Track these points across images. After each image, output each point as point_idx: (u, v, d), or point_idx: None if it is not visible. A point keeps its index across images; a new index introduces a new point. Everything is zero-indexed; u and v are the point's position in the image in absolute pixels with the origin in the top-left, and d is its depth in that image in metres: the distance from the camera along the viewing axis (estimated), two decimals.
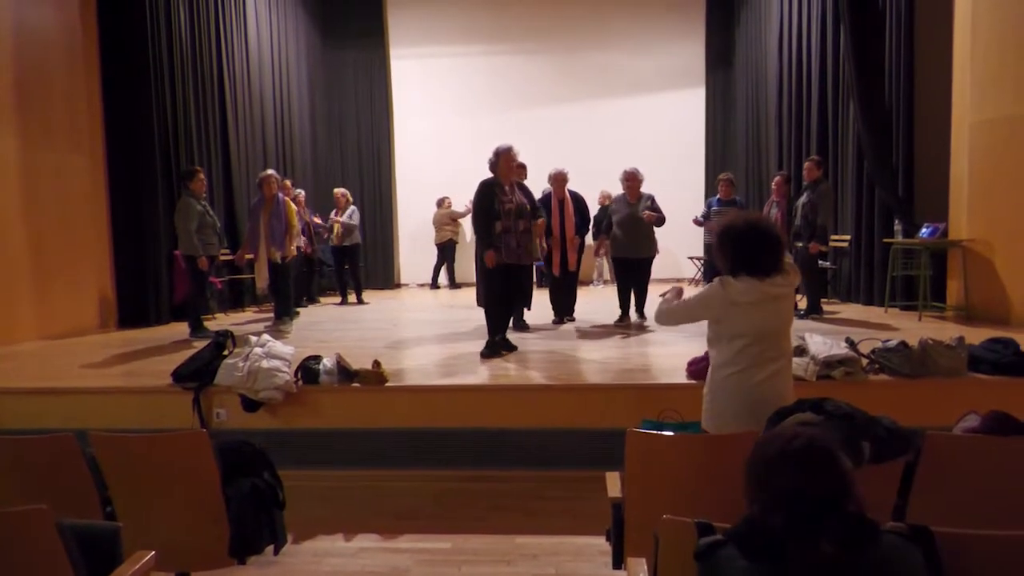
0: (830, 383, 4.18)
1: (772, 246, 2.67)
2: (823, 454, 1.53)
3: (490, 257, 5.38)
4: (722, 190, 8.38)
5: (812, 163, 7.21)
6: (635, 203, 6.82)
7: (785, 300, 2.72)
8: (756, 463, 1.57)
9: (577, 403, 4.37)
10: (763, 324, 2.69)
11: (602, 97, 12.06)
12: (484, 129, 11.33)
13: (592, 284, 11.41)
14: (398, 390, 4.49)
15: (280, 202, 7.05)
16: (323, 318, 8.18)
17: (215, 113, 8.75)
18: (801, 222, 7.09)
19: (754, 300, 2.67)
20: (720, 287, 2.70)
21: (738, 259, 2.69)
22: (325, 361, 4.57)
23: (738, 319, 2.70)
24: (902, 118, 7.44)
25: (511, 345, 5.67)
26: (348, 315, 8.48)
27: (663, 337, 6.18)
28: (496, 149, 5.56)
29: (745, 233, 2.68)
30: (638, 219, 6.71)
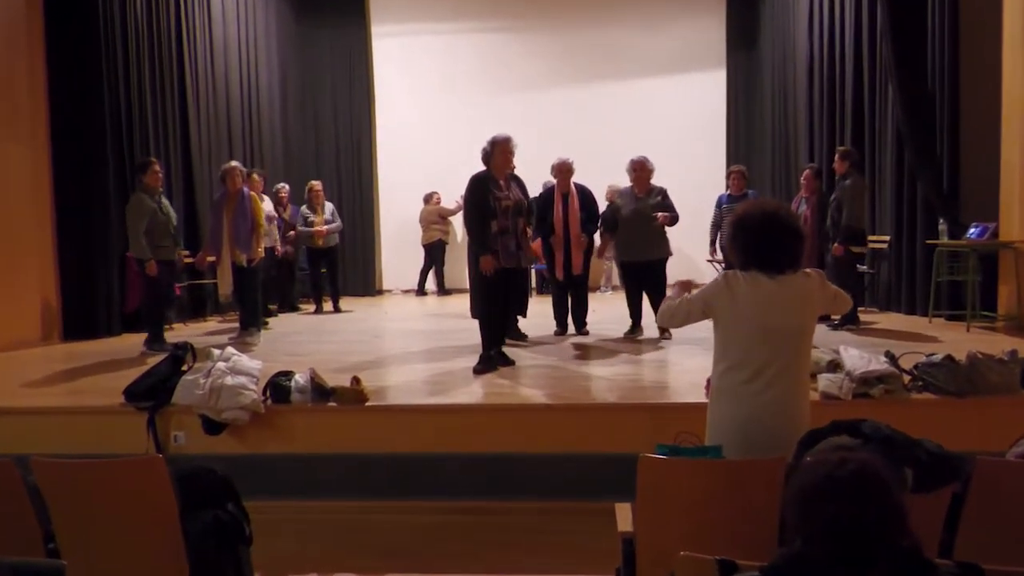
0: (867, 402, 4.19)
1: (788, 239, 2.69)
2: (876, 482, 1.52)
3: (486, 263, 5.38)
4: (733, 184, 8.40)
5: (838, 155, 7.24)
6: (644, 197, 6.78)
7: (801, 303, 2.73)
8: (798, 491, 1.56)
9: (583, 425, 4.37)
10: (770, 329, 2.70)
11: (609, 80, 12.09)
12: (478, 116, 11.33)
13: (600, 291, 11.40)
14: (380, 410, 4.48)
15: (246, 197, 7.04)
16: (295, 329, 8.17)
17: (174, 98, 8.76)
18: (830, 222, 7.12)
19: (761, 299, 2.69)
20: (723, 281, 2.75)
21: (749, 251, 2.72)
22: (297, 377, 4.56)
23: (740, 319, 2.73)
24: (946, 102, 7.46)
25: (508, 359, 5.66)
26: (324, 325, 8.47)
27: (680, 351, 6.19)
28: (492, 139, 5.57)
29: (759, 221, 2.70)
30: (647, 216, 6.66)
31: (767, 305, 2.70)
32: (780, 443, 2.62)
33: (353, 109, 12.10)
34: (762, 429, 2.71)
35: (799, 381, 2.78)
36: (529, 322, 6.58)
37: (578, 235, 6.97)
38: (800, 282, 2.73)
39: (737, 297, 2.73)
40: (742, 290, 2.72)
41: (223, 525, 2.81)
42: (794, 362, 2.75)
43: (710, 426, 2.91)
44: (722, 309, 2.78)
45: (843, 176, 7.13)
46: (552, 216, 6.98)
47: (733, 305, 2.74)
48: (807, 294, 2.74)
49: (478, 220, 5.46)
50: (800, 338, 2.77)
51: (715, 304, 2.79)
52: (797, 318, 2.74)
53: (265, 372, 4.70)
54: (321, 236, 9.38)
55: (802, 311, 2.75)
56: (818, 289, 2.77)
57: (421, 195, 11.82)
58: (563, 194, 7.04)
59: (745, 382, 2.74)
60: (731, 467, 2.53)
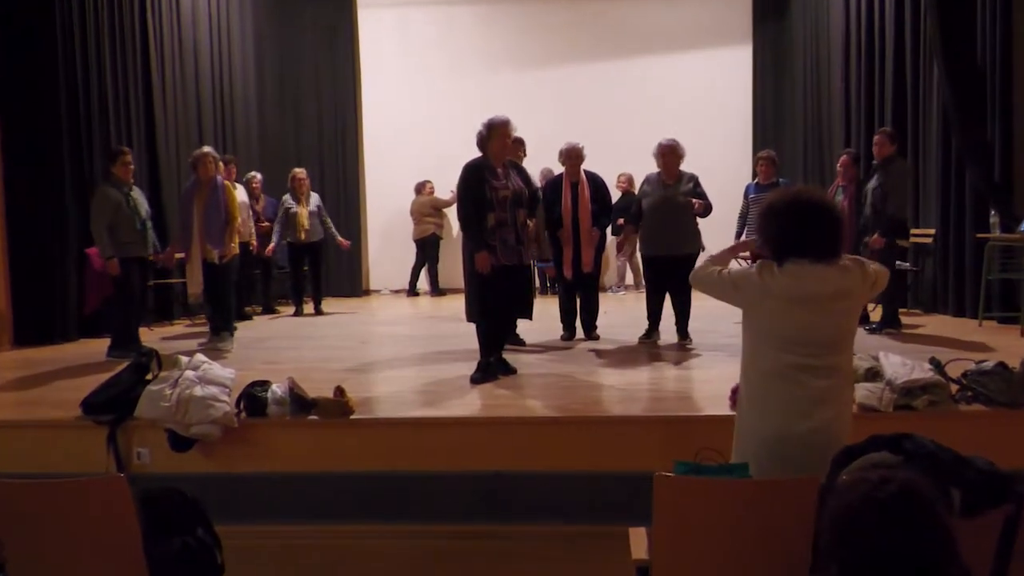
0: (910, 415, 4.18)
1: (826, 223, 2.70)
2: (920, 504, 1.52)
3: (482, 260, 5.38)
4: (761, 172, 8.38)
5: (883, 136, 7.21)
6: (673, 184, 6.73)
7: (843, 301, 2.73)
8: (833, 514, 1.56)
9: (593, 440, 4.36)
10: (808, 328, 2.71)
11: (621, 58, 12.08)
12: (476, 97, 11.32)
13: (611, 291, 11.40)
14: (367, 424, 4.48)
15: (219, 187, 7.04)
16: (272, 333, 8.17)
17: (137, 78, 8.75)
18: (870, 211, 7.09)
19: (798, 295, 2.69)
20: (757, 273, 2.76)
21: (782, 239, 2.73)
22: (275, 388, 4.57)
23: (773, 316, 2.73)
24: (998, 80, 7.44)
25: (509, 367, 5.66)
26: (304, 329, 8.47)
27: (702, 358, 6.19)
28: (488, 122, 5.57)
29: (790, 206, 2.72)
30: (677, 205, 6.60)
31: (804, 304, 2.70)
32: (814, 460, 2.61)
33: (337, 89, 12.10)
34: (794, 445, 2.71)
35: (838, 390, 2.77)
36: (532, 325, 6.57)
37: (588, 228, 6.95)
38: (840, 277, 2.72)
39: (770, 292, 2.73)
40: (776, 285, 2.72)
41: (192, 553, 2.81)
42: (832, 369, 2.75)
43: (736, 441, 2.91)
44: (751, 302, 2.79)
45: (886, 160, 7.09)
46: (560, 207, 6.97)
47: (764, 300, 2.75)
48: (848, 290, 2.73)
49: (473, 212, 5.45)
50: (840, 342, 2.77)
51: (744, 291, 2.80)
52: (837, 318, 2.74)
53: (239, 382, 4.70)
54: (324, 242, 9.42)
55: (842, 310, 2.74)
56: (859, 281, 2.76)
57: (412, 184, 11.82)
58: (572, 183, 7.02)
59: (776, 391, 2.74)
60: (759, 487, 2.52)
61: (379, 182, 12.30)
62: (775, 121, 11.91)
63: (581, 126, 10.23)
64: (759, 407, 2.81)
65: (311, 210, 9.51)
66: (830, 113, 10.42)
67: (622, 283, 11.58)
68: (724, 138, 11.70)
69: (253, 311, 9.68)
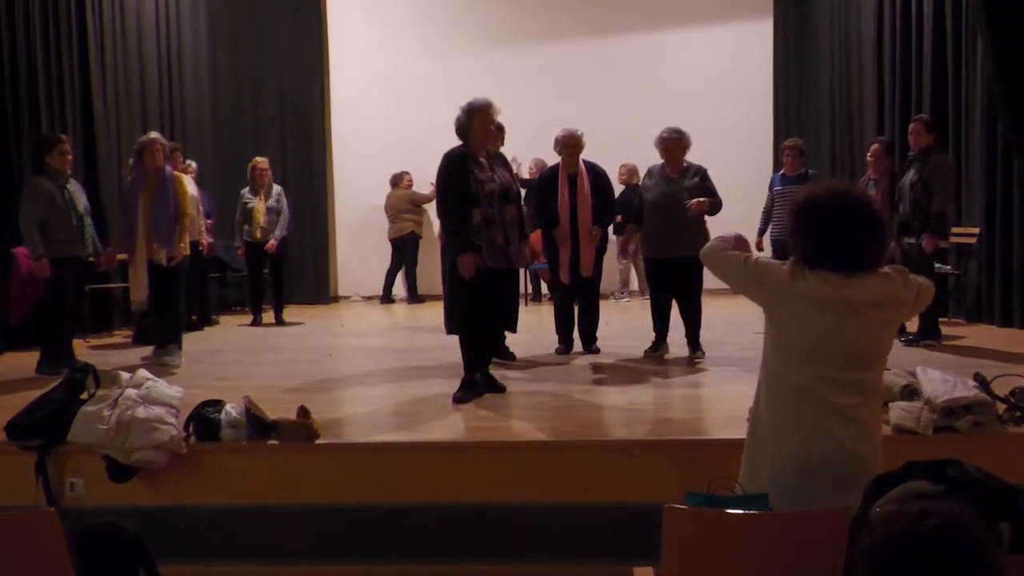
0: (953, 438, 4.19)
1: (868, 228, 2.70)
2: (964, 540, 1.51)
3: (466, 263, 5.37)
4: (788, 162, 8.42)
5: (919, 124, 7.25)
6: (677, 178, 6.77)
7: (879, 312, 2.73)
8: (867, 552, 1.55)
9: (591, 467, 4.36)
10: (837, 338, 2.71)
11: (623, 33, 12.11)
12: (461, 76, 11.31)
13: (613, 298, 11.41)
14: (335, 449, 4.47)
15: (168, 179, 7.02)
16: (226, 346, 8.14)
17: (72, 59, 8.72)
18: (909, 208, 7.11)
19: (830, 300, 2.70)
20: (789, 272, 2.75)
21: (815, 245, 2.72)
22: (229, 408, 4.55)
23: (799, 321, 2.74)
24: None
25: (497, 385, 5.65)
26: (263, 341, 8.45)
27: (717, 374, 6.19)
28: (467, 105, 5.58)
29: (829, 206, 2.70)
30: (681, 201, 6.64)
31: (836, 313, 2.70)
32: (841, 490, 2.61)
33: (302, 69, 12.10)
34: (818, 472, 2.71)
35: (867, 412, 2.78)
36: (523, 338, 6.57)
37: (589, 227, 6.95)
38: (878, 286, 2.73)
39: (799, 294, 2.73)
40: (807, 287, 2.72)
41: None
42: (861, 385, 2.75)
43: (751, 468, 2.92)
44: (776, 301, 2.79)
45: (924, 151, 7.12)
46: (556, 203, 6.98)
47: (791, 302, 2.75)
48: (887, 301, 2.74)
49: (455, 208, 5.44)
50: (874, 357, 2.78)
51: (769, 289, 2.79)
52: (871, 329, 2.74)
53: (188, 401, 4.68)
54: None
55: (879, 321, 2.75)
56: (901, 293, 2.77)
57: (388, 177, 11.82)
58: (570, 175, 7.03)
59: (796, 409, 2.75)
60: (781, 521, 2.52)
61: (350, 174, 12.30)
62: (798, 105, 11.98)
63: (579, 111, 10.24)
64: (776, 428, 2.81)
65: (269, 205, 9.50)
66: (860, 96, 10.47)
67: (626, 289, 11.60)
68: (740, 125, 11.75)
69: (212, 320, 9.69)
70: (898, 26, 9.46)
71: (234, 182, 10.19)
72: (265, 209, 9.47)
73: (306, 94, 12.12)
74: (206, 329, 9.30)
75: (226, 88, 11.86)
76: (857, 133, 10.52)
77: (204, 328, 9.30)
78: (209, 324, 9.60)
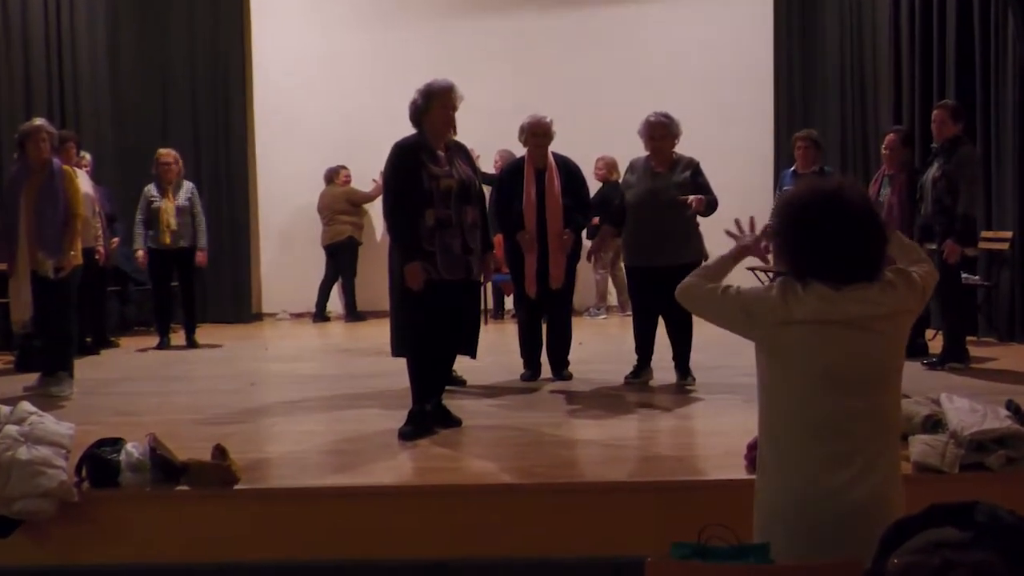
0: (982, 476, 4.23)
1: (861, 231, 2.74)
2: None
3: (413, 273, 5.37)
4: (800, 157, 8.49)
5: (944, 112, 7.34)
6: (665, 172, 6.82)
7: (885, 324, 2.77)
8: None
9: (565, 514, 4.36)
10: (842, 362, 2.75)
11: (602, 6, 12.20)
12: (411, 53, 11.33)
13: (588, 314, 11.43)
14: (258, 496, 4.45)
15: (56, 174, 6.97)
16: (127, 374, 8.07)
17: None
18: (932, 208, 7.20)
19: (830, 319, 2.74)
20: (779, 293, 2.79)
21: (802, 254, 2.77)
22: (130, 448, 4.51)
23: (799, 347, 2.78)
24: None
25: (452, 418, 5.65)
26: (171, 367, 8.40)
27: (709, 404, 6.23)
28: (426, 88, 5.59)
29: (812, 210, 2.75)
30: (669, 200, 6.68)
31: (838, 333, 2.75)
32: (852, 536, 2.63)
33: (218, 45, 12.02)
34: (823, 516, 2.73)
35: (883, 446, 2.82)
36: (484, 360, 6.54)
37: (559, 231, 6.98)
38: (883, 297, 2.78)
39: (794, 317, 2.77)
40: (802, 308, 2.77)
41: None
42: (873, 413, 2.79)
43: (757, 515, 2.94)
44: (769, 332, 2.83)
45: (950, 142, 7.20)
46: (521, 203, 7.00)
47: (788, 328, 2.78)
48: (894, 313, 2.78)
49: (404, 209, 5.45)
50: (886, 378, 2.82)
51: (760, 318, 2.83)
52: (878, 346, 2.78)
53: (80, 440, 4.63)
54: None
55: (886, 336, 2.79)
56: (908, 301, 2.81)
57: (322, 172, 11.80)
58: (538, 170, 7.06)
59: (798, 444, 2.78)
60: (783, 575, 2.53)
61: (276, 169, 12.24)
62: (803, 92, 12.07)
63: (548, 95, 10.28)
64: (777, 466, 2.85)
65: (180, 204, 9.42)
66: (875, 81, 10.62)
67: (603, 304, 11.63)
68: (736, 112, 11.86)
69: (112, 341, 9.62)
70: (918, 3, 9.55)
71: (137, 178, 10.08)
72: (175, 209, 9.38)
73: (223, 76, 12.03)
74: (103, 353, 9.20)
75: (128, 68, 11.74)
76: (871, 122, 10.65)
77: (100, 352, 9.21)
78: (106, 347, 9.51)
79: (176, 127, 11.88)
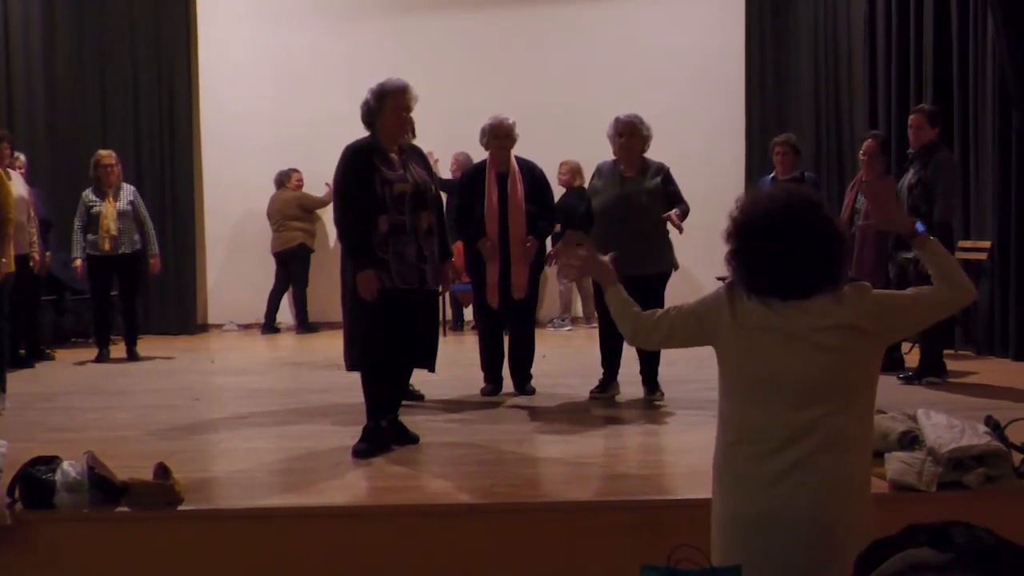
0: (960, 495, 4.25)
1: (813, 243, 2.78)
2: None
3: (366, 282, 5.36)
4: (779, 163, 8.56)
5: (921, 116, 7.42)
6: (634, 178, 6.83)
7: (831, 339, 2.80)
8: None
9: (528, 535, 4.35)
10: (786, 372, 2.79)
11: (567, 3, 12.23)
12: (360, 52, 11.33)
13: (552, 326, 11.45)
14: (202, 517, 4.41)
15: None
16: (63, 387, 8.02)
17: None
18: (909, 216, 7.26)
19: (771, 330, 2.80)
20: (725, 295, 2.88)
21: (754, 268, 2.83)
22: (66, 467, 4.46)
23: (741, 351, 2.84)
24: None
25: (409, 435, 5.64)
26: (111, 381, 8.34)
27: (679, 420, 6.24)
28: (379, 88, 5.59)
29: (761, 220, 2.81)
30: (639, 206, 6.71)
31: (780, 341, 2.79)
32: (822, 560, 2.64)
33: (162, 40, 11.96)
34: (792, 537, 2.75)
35: (850, 460, 2.84)
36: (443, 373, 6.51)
37: (522, 238, 7.00)
38: (827, 310, 2.81)
39: (736, 319, 2.83)
40: (743, 310, 2.83)
41: None
42: (841, 430, 2.82)
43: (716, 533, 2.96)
44: (722, 337, 2.89)
45: (926, 148, 7.28)
46: (483, 208, 7.01)
47: (731, 331, 2.84)
48: (837, 326, 2.81)
49: (356, 215, 5.44)
50: (835, 396, 2.83)
51: (711, 325, 2.90)
52: (827, 364, 2.80)
53: (13, 459, 4.61)
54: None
55: (835, 354, 2.81)
56: (853, 318, 2.82)
57: (272, 175, 11.77)
58: (499, 174, 7.08)
59: (759, 460, 2.81)
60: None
61: (223, 172, 12.20)
62: (776, 94, 12.16)
63: (510, 96, 10.28)
64: (727, 480, 2.91)
65: (122, 209, 9.37)
66: (850, 84, 10.73)
67: (567, 315, 11.66)
68: (708, 117, 11.94)
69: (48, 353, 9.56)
70: (895, 4, 9.64)
71: (73, 182, 9.99)
72: (116, 214, 9.32)
73: (168, 73, 11.98)
74: (37, 366, 9.15)
75: (65, 65, 11.66)
76: (846, 126, 10.75)
77: (35, 365, 9.16)
78: (41, 359, 9.46)
79: (115, 127, 11.82)
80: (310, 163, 11.40)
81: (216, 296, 12.42)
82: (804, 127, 11.53)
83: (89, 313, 10.02)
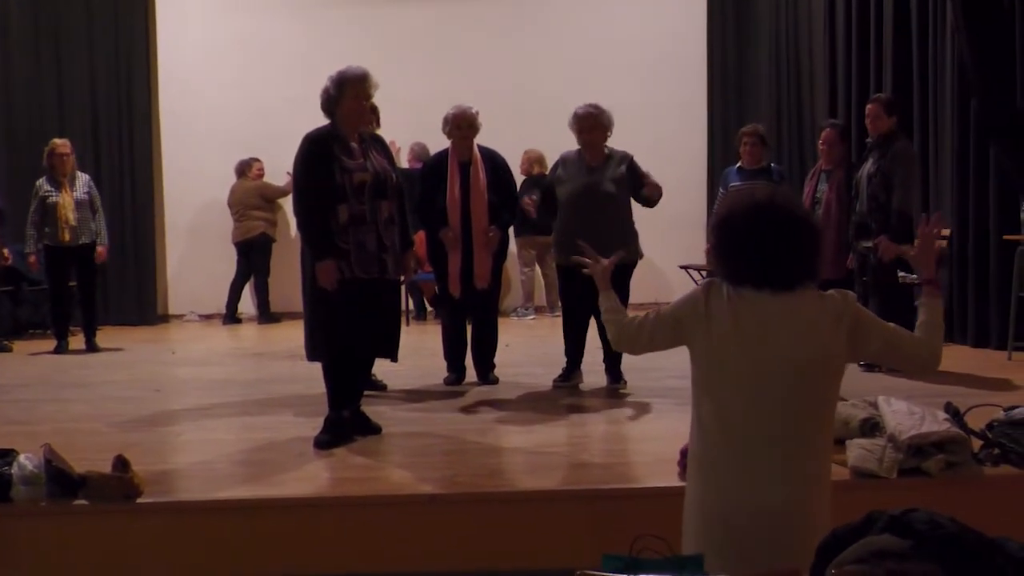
0: (920, 481, 4.30)
1: (794, 237, 2.88)
2: None
3: (326, 271, 5.35)
4: (746, 154, 8.60)
5: (878, 105, 7.47)
6: (598, 168, 6.85)
7: (816, 334, 2.86)
8: None
9: (491, 526, 4.37)
10: (768, 371, 2.86)
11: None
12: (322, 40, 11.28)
13: (515, 315, 11.46)
14: (161, 510, 4.40)
15: None
16: (20, 379, 7.99)
17: None
18: (868, 205, 7.32)
19: (753, 327, 2.86)
20: (702, 293, 2.97)
21: (738, 260, 2.90)
22: (23, 460, 4.44)
23: (719, 347, 2.89)
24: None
25: (371, 425, 5.64)
26: (69, 373, 8.29)
27: (643, 409, 6.26)
28: (338, 76, 5.57)
29: (745, 216, 2.90)
30: (605, 196, 6.73)
31: (762, 336, 2.85)
32: (787, 547, 2.67)
33: (120, 26, 11.85)
34: (759, 525, 2.78)
35: (815, 451, 2.90)
36: (405, 363, 6.52)
37: (484, 228, 7.00)
38: (814, 303, 2.90)
39: (717, 320, 2.89)
40: (726, 311, 2.88)
41: None
42: (807, 422, 2.88)
43: (685, 521, 2.99)
44: (697, 335, 2.94)
45: (884, 137, 7.33)
46: (445, 198, 7.01)
47: (710, 330, 2.90)
48: (825, 320, 2.88)
49: (315, 204, 5.43)
50: (815, 386, 2.89)
51: (688, 324, 2.98)
52: (808, 354, 2.87)
53: None
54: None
55: (817, 345, 2.88)
56: (842, 316, 2.90)
57: (232, 165, 11.72)
58: (462, 163, 7.07)
59: (729, 452, 2.86)
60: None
61: (183, 161, 12.14)
62: (737, 83, 12.25)
63: (471, 85, 10.28)
64: (703, 472, 2.95)
65: (79, 198, 9.30)
66: (811, 73, 10.77)
67: (530, 304, 11.67)
68: (669, 105, 11.98)
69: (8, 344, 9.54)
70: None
71: (26, 170, 9.89)
72: (73, 204, 9.24)
73: (126, 60, 11.86)
74: None
75: (19, 52, 11.53)
76: (807, 115, 10.81)
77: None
78: None
79: (72, 115, 11.68)
80: (271, 152, 11.34)
81: (177, 286, 12.36)
82: (764, 116, 11.56)
83: (47, 304, 9.97)
